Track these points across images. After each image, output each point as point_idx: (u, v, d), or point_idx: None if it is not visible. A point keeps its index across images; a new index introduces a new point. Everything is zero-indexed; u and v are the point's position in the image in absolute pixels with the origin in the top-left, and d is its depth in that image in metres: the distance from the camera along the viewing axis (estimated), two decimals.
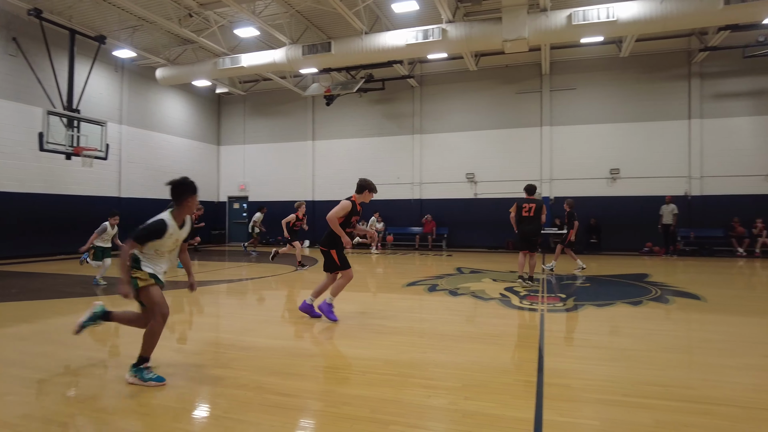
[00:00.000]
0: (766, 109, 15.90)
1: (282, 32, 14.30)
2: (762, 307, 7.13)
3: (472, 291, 8.24)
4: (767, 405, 3.30)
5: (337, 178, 20.01)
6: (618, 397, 3.45)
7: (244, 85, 20.81)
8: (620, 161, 16.96)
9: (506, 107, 18.26)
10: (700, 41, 15.77)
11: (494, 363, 4.25)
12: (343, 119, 20.30)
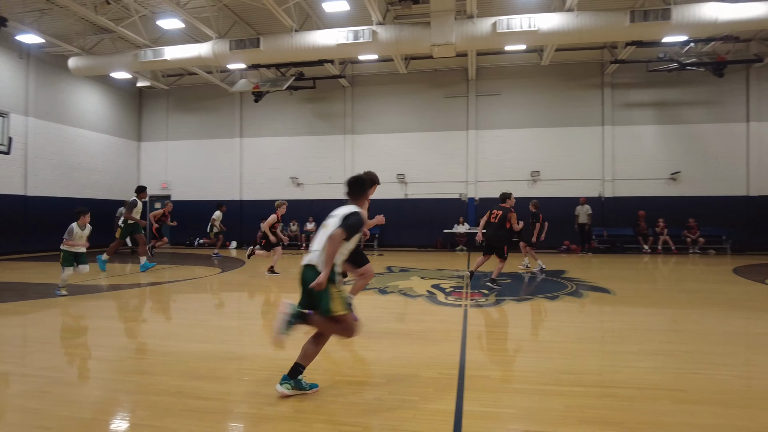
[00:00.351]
0: (667, 119, 17.46)
1: (208, 26, 13.80)
2: (662, 299, 7.80)
3: (400, 289, 8.39)
4: (661, 385, 3.63)
5: (266, 177, 19.61)
6: (534, 386, 3.66)
7: (167, 79, 19.87)
8: (540, 164, 17.91)
9: (435, 110, 18.72)
10: (611, 54, 17.00)
11: (419, 358, 4.36)
12: (272, 117, 19.91)
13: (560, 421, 3.01)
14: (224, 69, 18.10)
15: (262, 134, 20.05)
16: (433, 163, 18.60)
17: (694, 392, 3.48)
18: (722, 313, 6.56)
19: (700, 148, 17.27)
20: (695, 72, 16.04)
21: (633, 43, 14.87)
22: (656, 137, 17.52)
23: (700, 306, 7.13)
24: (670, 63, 15.36)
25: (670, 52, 15.28)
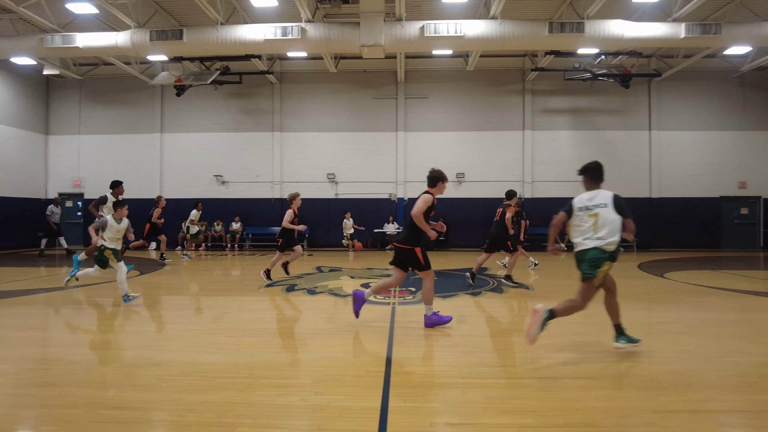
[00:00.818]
0: (581, 125, 18.70)
1: (126, 14, 13.01)
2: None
3: (330, 289, 8.36)
4: (573, 374, 3.88)
5: (189, 175, 18.81)
6: (456, 380, 3.78)
7: (79, 68, 18.50)
8: (466, 166, 18.53)
9: (365, 111, 18.83)
10: (532, 62, 17.94)
11: (346, 357, 4.37)
12: (196, 112, 19.10)
13: (481, 412, 3.14)
14: (144, 60, 17.17)
15: (184, 129, 19.18)
16: (363, 162, 18.69)
17: (600, 379, 3.76)
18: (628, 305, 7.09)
19: (610, 153, 18.61)
20: (606, 82, 17.28)
21: (551, 52, 15.77)
22: (572, 142, 18.70)
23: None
24: (584, 73, 16.45)
25: (585, 63, 16.36)
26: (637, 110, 18.68)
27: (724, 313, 6.52)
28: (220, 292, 8.37)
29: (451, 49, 15.31)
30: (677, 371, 4.03)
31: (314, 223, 18.57)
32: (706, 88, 18.71)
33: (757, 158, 18.73)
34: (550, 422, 2.96)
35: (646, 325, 6.07)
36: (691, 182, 18.49)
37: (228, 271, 11.88)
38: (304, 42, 13.17)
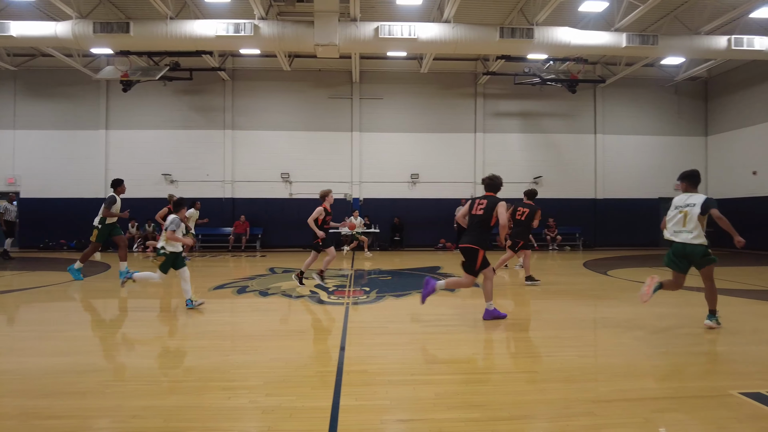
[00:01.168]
0: (530, 128, 19.32)
1: (67, 2, 12.39)
2: (526, 291, 8.59)
3: (282, 290, 8.28)
4: (519, 368, 4.02)
5: (137, 173, 18.07)
6: (407, 377, 3.84)
7: (14, 59, 17.45)
8: (420, 167, 18.77)
9: (320, 110, 18.73)
10: (483, 66, 18.36)
11: (298, 358, 4.35)
12: (144, 108, 18.41)
13: (430, 408, 3.20)
14: (87, 53, 16.39)
15: (131, 126, 18.46)
16: (318, 162, 18.59)
17: (545, 372, 3.91)
18: (574, 302, 7.44)
19: (558, 156, 19.33)
20: (554, 87, 17.93)
21: (502, 57, 16.20)
22: (521, 145, 19.28)
23: (556, 296, 7.99)
24: (534, 78, 16.99)
25: (534, 68, 16.91)
26: (583, 114, 19.48)
27: (661, 308, 6.91)
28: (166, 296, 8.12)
29: (406, 51, 15.47)
30: (615, 363, 4.25)
31: (267, 223, 18.33)
32: (646, 95, 19.74)
33: (690, 161, 19.89)
34: (496, 416, 3.06)
35: (590, 320, 6.34)
36: (633, 184, 19.45)
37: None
38: (257, 39, 12.96)
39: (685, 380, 3.82)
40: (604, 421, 3.00)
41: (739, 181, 18.41)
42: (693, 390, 3.56)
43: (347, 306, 6.81)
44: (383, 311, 6.58)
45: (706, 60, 17.14)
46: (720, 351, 4.69)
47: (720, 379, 3.80)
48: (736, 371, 4.03)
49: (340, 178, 18.63)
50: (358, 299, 7.35)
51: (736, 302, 7.33)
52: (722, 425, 2.95)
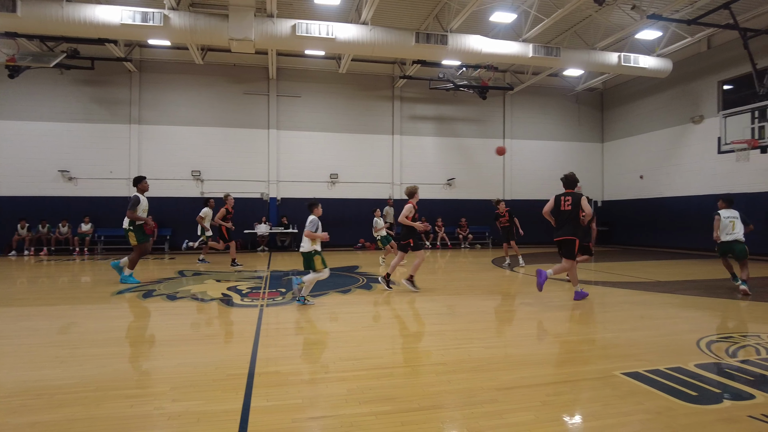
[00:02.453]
0: (444, 132, 20.03)
1: None
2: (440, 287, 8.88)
3: (192, 293, 7.93)
4: (429, 361, 4.17)
5: (29, 169, 16.51)
6: (320, 375, 3.86)
7: None
8: (339, 167, 18.79)
9: (235, 106, 18.15)
10: (401, 70, 18.75)
11: (207, 362, 4.21)
12: (37, 98, 16.80)
13: (342, 404, 3.24)
14: None
15: (21, 117, 16.76)
16: (232, 160, 18.00)
17: (452, 364, 4.10)
18: (482, 297, 7.82)
19: (470, 159, 20.20)
20: (467, 93, 18.70)
21: (418, 61, 16.64)
22: (436, 148, 19.93)
23: (467, 292, 8.35)
24: (447, 83, 17.63)
25: (448, 74, 17.54)
26: (493, 120, 20.51)
27: (560, 300, 7.46)
28: (65, 301, 7.48)
29: (323, 51, 15.44)
30: (518, 353, 4.55)
31: (176, 224, 17.44)
32: (550, 103, 21.19)
33: (589, 166, 21.66)
34: (405, 407, 3.17)
35: (497, 312, 6.71)
36: (538, 186, 20.76)
37: (76, 278, 10.65)
38: (166, 30, 12.32)
39: (577, 365, 4.18)
40: (506, 406, 3.20)
41: (629, 184, 20.30)
42: (583, 373, 3.90)
43: (261, 308, 6.68)
44: (299, 312, 6.52)
45: (602, 73, 18.75)
46: (608, 337, 5.17)
47: (606, 362, 4.19)
48: (620, 354, 4.46)
49: (256, 177, 18.18)
50: (273, 300, 7.23)
51: (622, 293, 8.08)
52: (606, 402, 3.26)
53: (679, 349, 4.64)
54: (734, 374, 3.87)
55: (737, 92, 15.83)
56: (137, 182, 9.27)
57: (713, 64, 16.50)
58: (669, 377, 3.75)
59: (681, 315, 6.44)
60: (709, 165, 16.39)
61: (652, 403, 3.25)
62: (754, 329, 5.54)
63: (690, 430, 2.86)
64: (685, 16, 13.86)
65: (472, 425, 2.91)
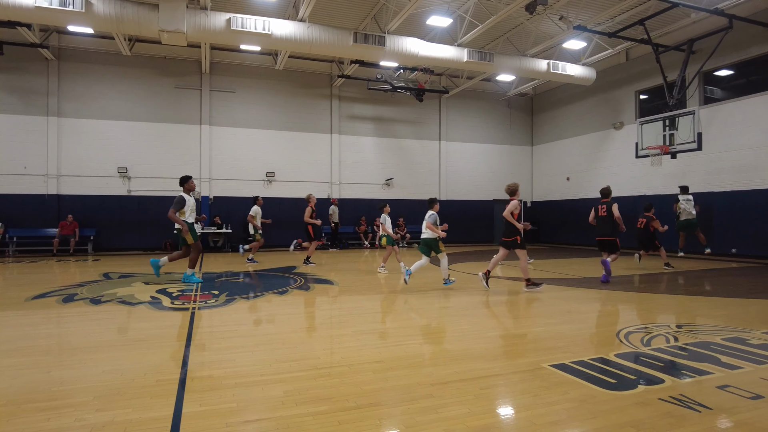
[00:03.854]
0: (383, 132, 20.19)
1: None
2: (377, 286, 8.96)
3: (119, 297, 7.51)
4: (366, 359, 4.20)
5: None
6: (256, 378, 3.77)
7: None
8: (276, 165, 18.45)
9: (164, 100, 17.35)
10: (339, 69, 18.70)
11: (135, 368, 4.01)
12: None
13: (278, 406, 3.19)
14: None
15: None
16: (162, 157, 17.20)
17: (389, 361, 4.15)
18: (419, 294, 7.96)
19: (408, 160, 20.49)
20: (404, 95, 18.96)
21: (357, 61, 16.67)
22: (375, 148, 20.05)
23: (404, 290, 8.46)
24: (385, 84, 17.78)
25: (386, 75, 17.70)
26: (429, 122, 20.92)
27: (493, 296, 7.74)
28: None
29: (259, 46, 15.10)
30: (453, 348, 4.68)
31: (101, 223, 16.46)
32: (484, 107, 21.91)
33: (520, 168, 22.61)
34: (342, 406, 3.17)
35: (434, 309, 6.85)
36: (472, 187, 21.43)
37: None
38: (89, 17, 11.58)
39: (509, 359, 4.36)
40: (442, 401, 3.28)
41: (556, 186, 21.38)
42: (515, 366, 4.07)
43: (193, 311, 6.44)
44: (233, 314, 6.35)
45: (532, 79, 19.63)
46: (537, 331, 5.42)
47: (536, 355, 4.40)
48: (548, 347, 4.70)
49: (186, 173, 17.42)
50: (206, 303, 6.98)
51: (550, 289, 8.50)
52: (536, 393, 3.43)
53: (601, 340, 4.95)
54: (648, 362, 4.18)
55: (652, 102, 17.11)
56: (184, 182, 8.96)
57: (631, 75, 17.73)
58: (592, 367, 3.99)
59: (603, 309, 6.88)
60: (628, 168, 17.59)
61: (577, 391, 3.45)
62: (665, 320, 6.01)
63: (609, 414, 3.07)
64: (606, 29, 14.79)
65: (408, 421, 2.96)
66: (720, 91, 15.47)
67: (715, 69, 14.94)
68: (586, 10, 14.22)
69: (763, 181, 13.58)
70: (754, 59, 14.05)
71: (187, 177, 9.07)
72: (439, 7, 14.05)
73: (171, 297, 7.45)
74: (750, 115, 13.91)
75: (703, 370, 3.95)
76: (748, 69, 14.48)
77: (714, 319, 6.06)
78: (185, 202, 8.75)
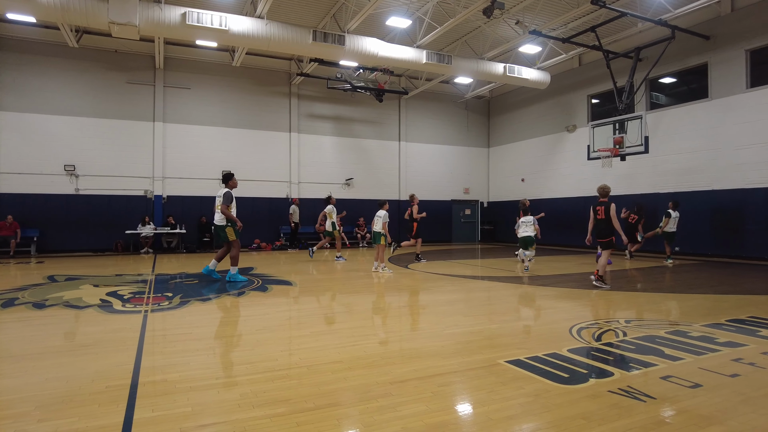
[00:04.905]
0: (343, 132, 20.13)
1: None
2: (336, 286, 8.92)
3: (65, 300, 7.17)
4: (324, 360, 4.18)
5: None
6: (211, 381, 3.69)
7: None
8: (232, 164, 18.00)
9: (116, 95, 16.67)
10: (298, 67, 18.51)
11: (82, 375, 3.84)
12: None
13: (235, 409, 3.13)
14: None
15: None
16: (113, 154, 16.54)
17: (348, 361, 4.14)
18: (379, 294, 7.98)
19: (368, 160, 20.51)
20: (364, 94, 18.96)
21: (316, 60, 16.55)
22: (335, 147, 19.96)
23: (364, 290, 8.47)
24: (345, 84, 17.74)
25: (345, 74, 17.65)
26: (389, 122, 21.01)
27: (450, 295, 7.86)
28: None
29: (216, 42, 14.75)
30: (411, 347, 4.72)
31: (46, 224, 15.66)
32: (442, 109, 22.20)
33: (476, 169, 23.04)
34: (301, 408, 3.14)
35: (392, 309, 6.89)
36: (431, 187, 21.65)
37: None
38: (31, 4, 11.01)
39: (465, 356, 4.43)
40: (400, 399, 3.30)
41: (511, 186, 21.91)
42: (471, 363, 4.15)
43: (145, 314, 6.23)
44: (187, 317, 6.18)
45: (489, 82, 20.03)
46: (493, 328, 5.54)
47: (491, 352, 4.49)
48: (504, 343, 4.81)
49: (139, 173, 16.87)
50: (159, 305, 6.76)
51: (505, 287, 8.70)
52: (491, 389, 3.50)
53: (555, 336, 5.11)
54: (598, 356, 4.35)
55: (603, 106, 17.80)
56: (228, 178, 9.02)
57: (584, 80, 18.38)
58: (546, 362, 4.12)
59: (556, 306, 7.10)
60: (580, 170, 18.22)
61: (531, 386, 3.55)
62: (614, 315, 6.26)
63: (562, 408, 3.17)
64: (560, 35, 15.28)
65: (367, 420, 2.97)
66: (664, 97, 16.27)
67: (660, 76, 15.69)
68: (541, 15, 14.64)
69: (703, 183, 14.36)
70: (694, 68, 14.84)
71: (230, 174, 9.24)
72: (398, 8, 14.13)
73: (122, 300, 7.17)
74: (691, 121, 14.69)
75: (649, 362, 4.14)
76: (688, 77, 15.30)
77: (659, 314, 6.37)
78: (233, 198, 8.83)
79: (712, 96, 14.19)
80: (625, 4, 13.73)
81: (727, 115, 13.81)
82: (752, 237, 13.28)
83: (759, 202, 13.09)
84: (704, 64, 14.48)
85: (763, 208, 13.01)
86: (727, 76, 13.85)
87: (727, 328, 5.45)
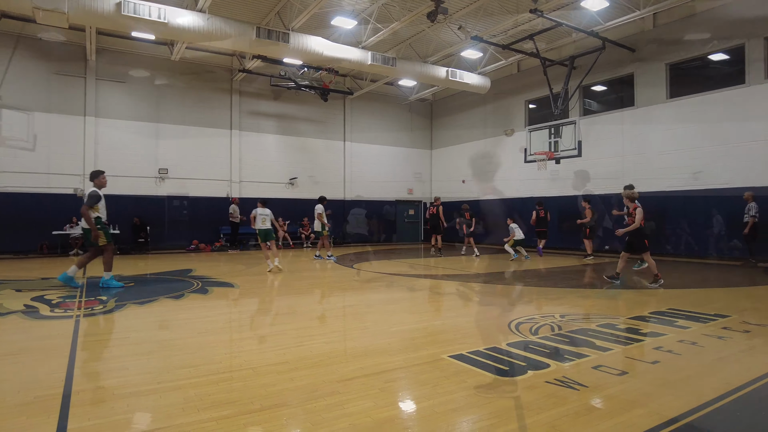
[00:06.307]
0: (287, 130, 19.88)
1: None
2: (280, 287, 8.82)
3: None
4: (269, 361, 4.14)
5: None
6: (152, 386, 3.56)
7: None
8: (169, 162, 17.39)
9: (43, 87, 15.62)
10: (240, 63, 18.09)
11: (7, 386, 3.60)
12: None
13: (179, 414, 3.05)
14: None
15: None
16: (39, 150, 15.53)
17: (293, 362, 4.12)
18: (323, 294, 7.97)
19: (312, 159, 20.37)
20: (309, 93, 18.83)
21: (259, 56, 16.25)
22: (278, 146, 19.69)
23: (308, 291, 8.43)
24: (289, 82, 17.53)
25: (290, 72, 17.45)
26: (334, 122, 20.97)
27: (395, 293, 7.97)
28: None
29: (154, 35, 14.15)
30: (357, 345, 4.77)
31: None
32: (387, 110, 22.41)
33: (419, 170, 23.42)
34: (247, 409, 3.11)
35: (339, 308, 6.90)
36: (375, 188, 21.80)
37: None
38: None
39: (410, 352, 4.53)
40: (347, 397, 3.34)
41: (453, 188, 22.43)
42: (416, 359, 4.25)
43: (77, 319, 5.90)
44: (124, 321, 5.92)
45: (432, 85, 20.42)
46: (437, 324, 5.69)
47: (435, 348, 4.61)
48: (447, 339, 4.96)
49: (67, 170, 15.89)
50: (92, 309, 6.43)
51: (448, 284, 8.94)
52: (436, 384, 3.61)
53: (495, 331, 5.32)
54: (536, 349, 4.57)
55: (539, 111, 18.60)
56: (94, 177, 8.20)
57: (522, 86, 19.13)
58: (487, 356, 4.28)
59: (496, 302, 7.37)
60: (517, 172, 18.94)
61: (474, 380, 3.69)
62: (550, 311, 6.59)
63: (502, 399, 3.32)
64: (500, 41, 15.83)
65: (314, 418, 2.98)
66: (596, 104, 17.24)
67: (592, 84, 16.61)
68: (483, 21, 15.10)
69: None
70: (623, 78, 15.83)
71: (98, 171, 8.44)
72: (343, 8, 14.13)
73: (50, 305, 6.74)
74: (618, 127, 15.66)
75: (581, 353, 4.40)
76: (618, 86, 16.30)
77: (591, 309, 6.76)
78: (100, 198, 8.09)
79: (638, 104, 15.20)
80: (561, 14, 14.43)
81: (651, 123, 14.83)
82: (673, 237, 14.33)
83: (677, 206, 14.13)
84: (631, 75, 15.47)
85: (682, 210, 14.07)
86: (650, 86, 14.88)
87: (650, 319, 5.88)
